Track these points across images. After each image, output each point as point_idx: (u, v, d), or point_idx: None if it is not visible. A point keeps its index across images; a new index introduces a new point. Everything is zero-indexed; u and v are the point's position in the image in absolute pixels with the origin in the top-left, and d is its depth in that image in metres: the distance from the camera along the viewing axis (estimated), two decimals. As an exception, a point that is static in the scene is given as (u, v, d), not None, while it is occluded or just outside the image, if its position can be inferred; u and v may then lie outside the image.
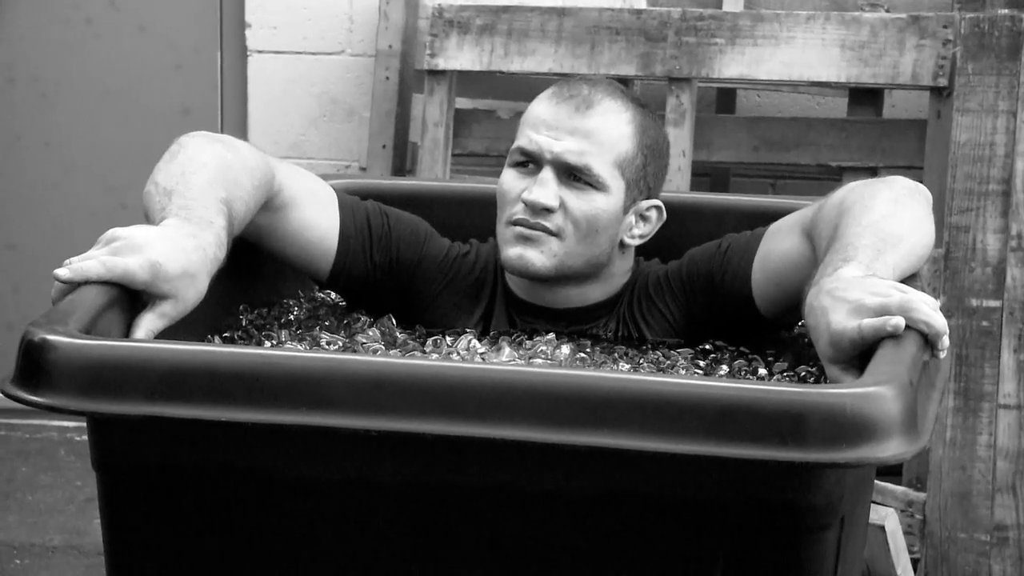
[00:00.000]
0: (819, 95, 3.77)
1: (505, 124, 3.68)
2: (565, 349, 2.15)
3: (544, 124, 2.21)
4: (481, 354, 2.14)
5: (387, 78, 3.76)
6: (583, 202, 2.20)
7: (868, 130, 3.55)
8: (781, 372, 2.13)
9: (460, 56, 3.60)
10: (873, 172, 3.48)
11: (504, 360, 2.10)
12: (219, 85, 4.06)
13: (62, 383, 1.69)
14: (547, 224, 2.20)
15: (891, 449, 1.62)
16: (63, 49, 4.08)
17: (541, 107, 2.23)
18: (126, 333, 1.85)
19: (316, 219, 2.25)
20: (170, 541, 1.79)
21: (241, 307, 2.25)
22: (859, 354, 1.79)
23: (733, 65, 3.47)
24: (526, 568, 1.74)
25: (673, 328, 2.26)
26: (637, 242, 2.28)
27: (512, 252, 2.22)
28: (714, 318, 2.24)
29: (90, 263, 1.86)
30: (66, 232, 4.10)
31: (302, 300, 2.38)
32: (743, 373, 2.14)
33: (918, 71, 3.40)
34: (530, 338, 2.21)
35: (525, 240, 2.21)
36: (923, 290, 1.89)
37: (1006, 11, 3.32)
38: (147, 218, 1.99)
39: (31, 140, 4.13)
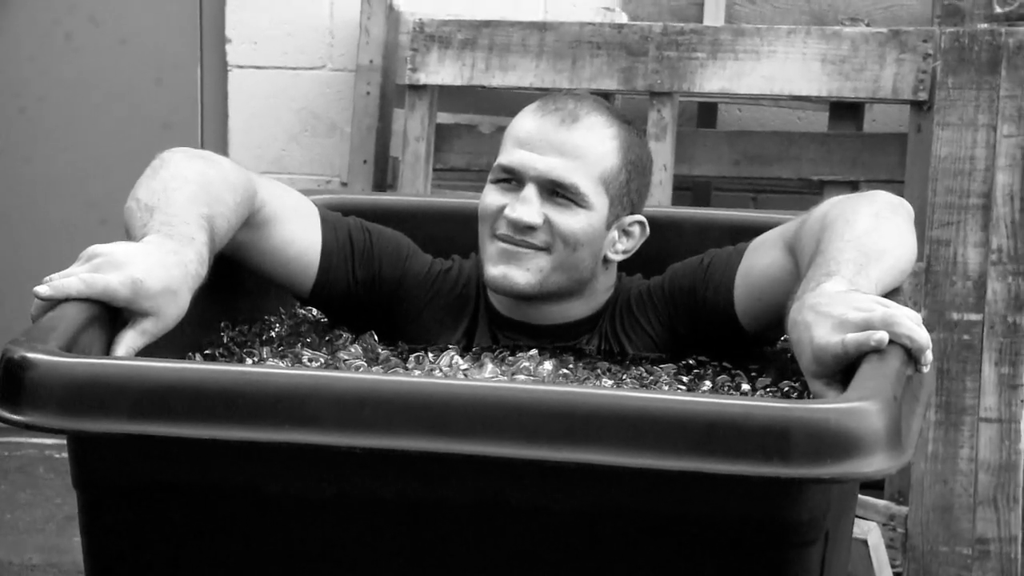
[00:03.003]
0: (800, 109, 3.79)
1: (486, 139, 3.68)
2: (548, 365, 2.15)
3: (528, 140, 2.20)
4: (464, 370, 2.14)
5: (368, 93, 3.76)
6: (567, 218, 2.20)
7: (849, 144, 3.56)
8: (764, 387, 2.13)
9: (441, 71, 3.60)
10: (854, 186, 3.49)
11: (487, 376, 2.10)
12: (199, 100, 4.06)
13: (42, 401, 1.68)
14: (533, 240, 2.20)
15: (876, 464, 1.62)
16: (43, 64, 4.07)
17: (525, 121, 2.23)
18: (107, 351, 1.85)
19: (298, 235, 2.25)
20: (152, 560, 1.79)
21: (223, 324, 2.24)
22: (843, 369, 1.79)
23: (714, 79, 3.48)
24: (511, 585, 1.74)
25: (655, 343, 2.26)
26: (620, 257, 2.28)
27: (495, 271, 2.21)
28: (696, 333, 2.24)
29: (70, 280, 1.85)
30: (46, 248, 4.09)
31: (284, 317, 2.38)
32: (726, 388, 2.14)
33: (898, 85, 3.41)
34: (512, 354, 2.20)
35: (509, 257, 2.21)
36: (905, 304, 1.89)
37: (986, 26, 3.34)
38: (128, 234, 1.99)
39: (11, 155, 4.12)
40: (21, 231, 4.15)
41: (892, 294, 1.96)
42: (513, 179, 2.22)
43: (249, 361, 2.16)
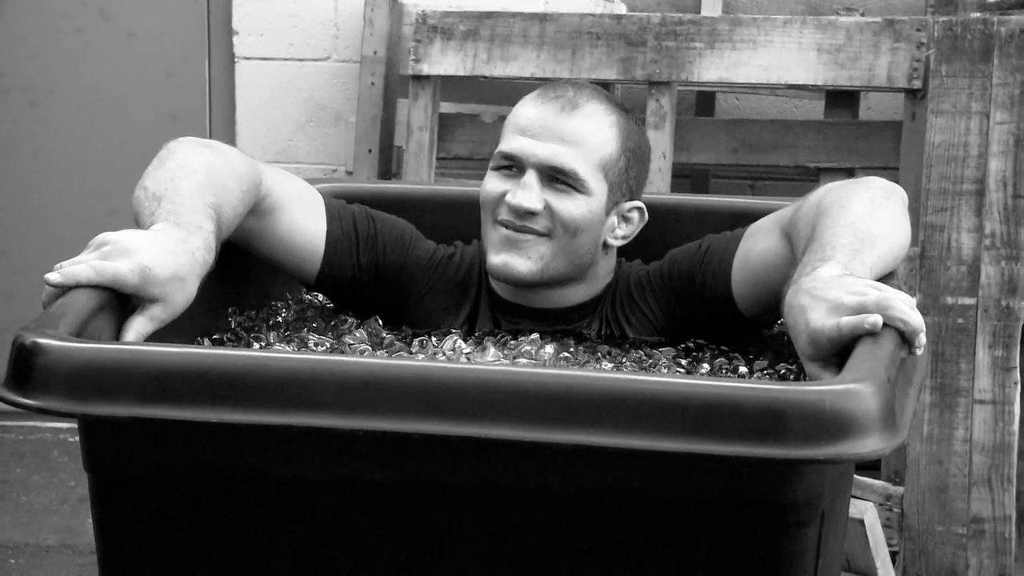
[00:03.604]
0: (796, 98, 3.80)
1: (489, 128, 3.70)
2: (549, 349, 2.16)
3: (528, 127, 2.22)
4: (467, 354, 2.15)
5: (372, 83, 3.78)
6: (567, 204, 2.21)
7: (845, 132, 3.58)
8: (761, 370, 2.14)
9: (444, 61, 3.62)
10: (850, 173, 3.51)
11: (489, 360, 2.12)
12: (207, 91, 4.07)
13: (53, 386, 1.69)
14: (534, 226, 2.22)
15: (870, 445, 1.63)
16: (53, 58, 4.09)
17: (526, 109, 2.25)
18: (116, 336, 1.86)
19: (303, 223, 2.26)
20: (161, 542, 1.80)
21: (230, 310, 2.26)
22: (838, 352, 1.80)
23: (712, 69, 3.50)
24: (512, 565, 1.75)
25: (655, 327, 2.28)
26: (619, 243, 2.29)
27: (497, 260, 2.23)
28: (695, 317, 2.25)
29: (80, 267, 1.86)
30: (57, 237, 4.11)
31: (290, 302, 2.39)
32: (724, 371, 2.15)
33: (893, 74, 3.43)
34: (514, 338, 2.22)
35: (511, 245, 2.22)
36: (900, 288, 1.90)
37: (978, 15, 3.35)
38: (137, 223, 2.00)
39: (22, 147, 4.14)
40: (32, 221, 4.17)
41: (886, 278, 1.97)
42: (514, 166, 2.23)
43: (256, 346, 2.17)
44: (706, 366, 2.17)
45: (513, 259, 2.22)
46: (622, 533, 1.73)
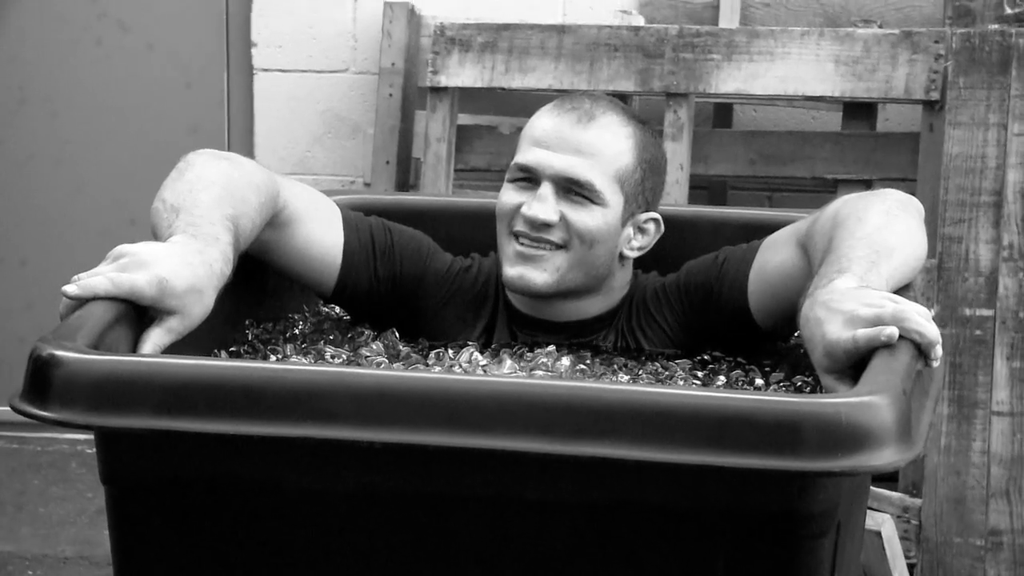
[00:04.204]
0: (814, 109, 3.80)
1: (506, 140, 3.71)
2: (565, 361, 2.16)
3: (544, 139, 2.22)
4: (483, 366, 2.15)
5: (390, 95, 3.79)
6: (583, 215, 2.22)
7: (862, 143, 3.58)
8: (777, 382, 2.14)
9: (462, 73, 3.63)
10: (867, 184, 3.51)
11: (506, 372, 2.12)
12: (226, 103, 4.08)
13: (70, 398, 1.69)
14: (550, 238, 2.22)
15: (886, 457, 1.63)
16: (73, 69, 4.11)
17: (542, 120, 2.25)
18: (133, 348, 1.87)
19: (320, 235, 2.27)
20: (177, 553, 1.81)
21: (247, 322, 2.26)
22: (853, 364, 1.81)
23: (730, 80, 3.50)
24: (528, 577, 1.76)
25: (671, 339, 2.28)
26: (636, 254, 2.30)
27: (512, 272, 2.23)
28: (711, 329, 2.25)
29: (98, 279, 1.87)
30: (76, 248, 4.12)
31: (307, 314, 2.39)
32: (740, 383, 2.15)
33: (911, 85, 3.43)
34: (531, 350, 2.22)
35: (526, 259, 2.22)
36: (916, 300, 1.90)
37: (996, 26, 3.36)
38: (154, 235, 2.01)
39: (42, 159, 4.15)
40: (51, 232, 4.18)
41: (903, 290, 1.98)
42: (530, 178, 2.23)
43: (273, 358, 2.17)
44: (722, 378, 2.17)
45: (529, 271, 2.23)
46: (637, 545, 1.73)
